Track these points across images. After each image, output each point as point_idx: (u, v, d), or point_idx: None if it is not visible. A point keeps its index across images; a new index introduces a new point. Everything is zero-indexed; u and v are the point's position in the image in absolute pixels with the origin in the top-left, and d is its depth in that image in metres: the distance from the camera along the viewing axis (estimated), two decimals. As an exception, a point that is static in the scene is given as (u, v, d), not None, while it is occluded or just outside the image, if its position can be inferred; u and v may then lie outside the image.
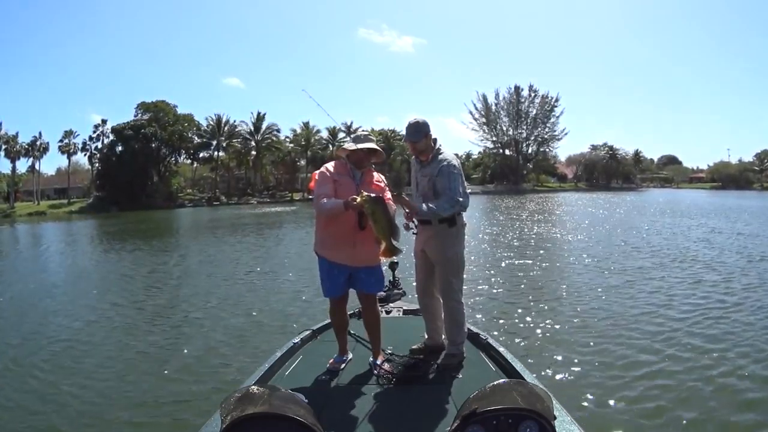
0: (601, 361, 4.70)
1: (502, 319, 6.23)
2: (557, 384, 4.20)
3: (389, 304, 4.10)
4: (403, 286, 4.50)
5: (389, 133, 63.67)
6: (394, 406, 2.35)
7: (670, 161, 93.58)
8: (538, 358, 4.84)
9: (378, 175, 2.93)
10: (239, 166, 62.02)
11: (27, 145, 52.02)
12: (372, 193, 2.57)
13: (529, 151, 73.60)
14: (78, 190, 57.97)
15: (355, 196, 2.55)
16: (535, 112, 71.20)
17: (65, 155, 54.62)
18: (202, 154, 60.72)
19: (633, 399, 3.90)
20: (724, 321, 5.88)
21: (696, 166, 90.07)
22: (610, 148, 78.60)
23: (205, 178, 62.80)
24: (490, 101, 71.77)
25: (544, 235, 16.10)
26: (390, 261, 4.06)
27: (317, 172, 2.84)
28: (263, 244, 16.91)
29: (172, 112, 56.61)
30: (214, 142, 59.49)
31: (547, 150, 74.78)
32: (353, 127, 54.90)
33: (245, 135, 60.59)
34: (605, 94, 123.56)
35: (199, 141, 59.58)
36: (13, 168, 53.01)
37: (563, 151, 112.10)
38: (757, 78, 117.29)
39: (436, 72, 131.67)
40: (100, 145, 54.91)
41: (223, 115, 59.83)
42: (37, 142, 52.43)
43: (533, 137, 72.56)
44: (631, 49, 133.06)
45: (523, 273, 9.45)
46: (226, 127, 59.81)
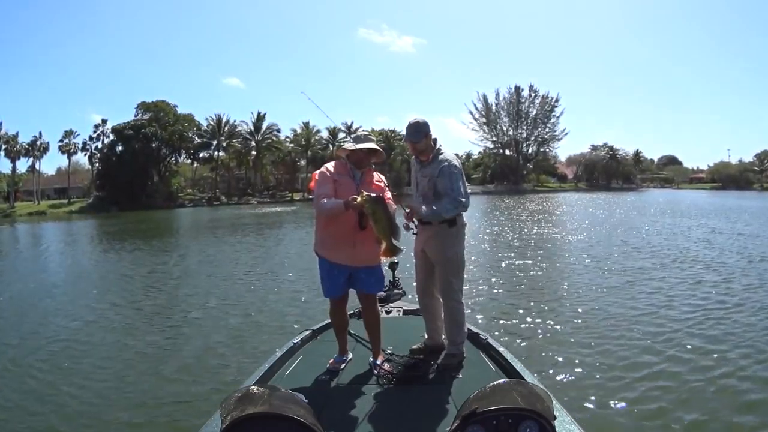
0: (601, 362, 4.69)
1: (502, 319, 6.23)
2: (557, 384, 4.20)
3: (389, 304, 4.10)
4: (403, 286, 4.49)
5: (389, 133, 63.61)
6: (394, 406, 2.35)
7: (670, 161, 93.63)
8: (538, 358, 4.84)
9: (378, 175, 2.92)
10: (239, 166, 62.05)
11: (27, 145, 52.10)
12: (372, 193, 2.57)
13: (530, 151, 73.69)
14: (78, 190, 58.00)
15: (355, 196, 2.54)
16: (535, 112, 71.34)
17: (65, 155, 54.88)
18: (202, 154, 60.87)
19: (633, 399, 3.90)
20: (724, 322, 5.87)
21: (696, 166, 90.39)
22: (610, 148, 78.80)
23: (205, 178, 62.82)
24: (491, 101, 72.01)
25: (544, 236, 16.09)
26: (390, 261, 4.05)
27: (317, 172, 2.84)
28: (263, 244, 16.91)
29: (173, 112, 56.63)
30: (214, 142, 59.56)
31: (548, 150, 75.03)
32: (353, 127, 55.05)
33: (245, 135, 60.67)
34: (605, 94, 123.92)
35: (199, 141, 59.63)
36: (13, 168, 53.20)
37: (563, 151, 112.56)
38: (757, 78, 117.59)
39: (436, 72, 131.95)
40: (100, 145, 55.14)
41: (223, 115, 60.06)
42: (37, 142, 52.54)
43: (533, 137, 72.74)
44: (631, 49, 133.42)
45: (523, 273, 9.45)
46: (226, 127, 59.87)
